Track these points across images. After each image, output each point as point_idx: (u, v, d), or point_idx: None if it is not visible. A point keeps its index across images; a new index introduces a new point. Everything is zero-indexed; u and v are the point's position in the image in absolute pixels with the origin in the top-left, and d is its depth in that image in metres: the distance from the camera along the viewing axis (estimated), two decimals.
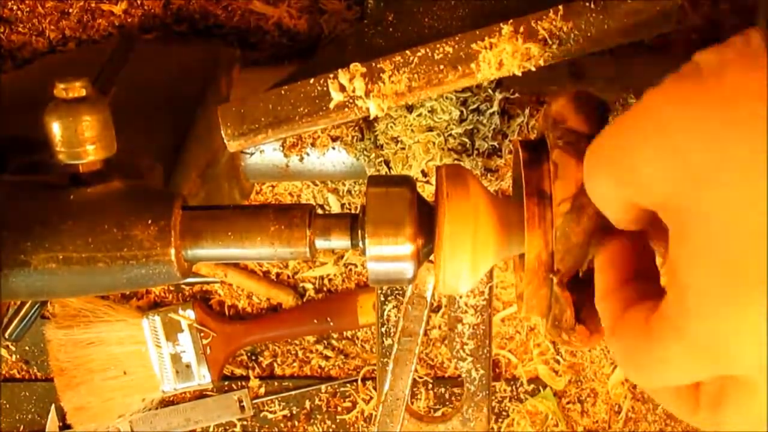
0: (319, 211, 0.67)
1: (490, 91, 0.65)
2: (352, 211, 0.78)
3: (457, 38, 0.55)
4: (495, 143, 0.66)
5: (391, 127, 0.66)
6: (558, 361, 0.98)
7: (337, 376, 0.99)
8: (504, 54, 0.55)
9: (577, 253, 0.42)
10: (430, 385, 0.98)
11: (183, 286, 0.98)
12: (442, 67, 0.56)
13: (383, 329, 0.68)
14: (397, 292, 0.68)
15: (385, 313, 0.68)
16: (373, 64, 0.56)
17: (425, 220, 0.47)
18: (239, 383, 0.99)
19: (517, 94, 0.66)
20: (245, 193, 0.78)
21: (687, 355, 0.33)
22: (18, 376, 1.00)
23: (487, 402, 0.70)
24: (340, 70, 0.55)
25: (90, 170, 0.50)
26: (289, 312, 0.97)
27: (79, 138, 0.49)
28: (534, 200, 0.45)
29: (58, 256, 0.48)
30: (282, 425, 0.99)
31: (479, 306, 0.68)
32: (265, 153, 0.73)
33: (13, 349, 1.00)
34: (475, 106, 0.65)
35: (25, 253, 0.48)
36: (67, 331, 0.95)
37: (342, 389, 0.99)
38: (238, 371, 0.99)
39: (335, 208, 0.90)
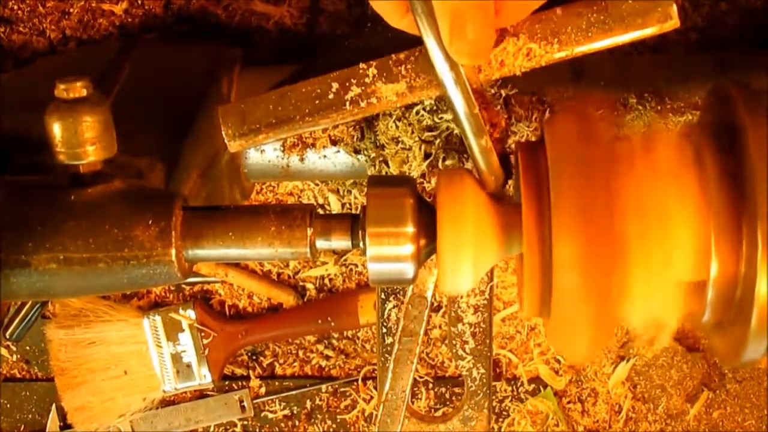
0: (320, 211, 0.67)
1: (491, 90, 0.65)
2: (353, 212, 0.78)
3: None
4: None
5: (392, 126, 0.66)
6: (558, 361, 0.98)
7: (337, 375, 0.99)
8: (505, 54, 0.55)
9: None
10: (431, 385, 0.98)
11: (183, 285, 0.98)
12: None
13: (384, 329, 0.68)
14: (397, 291, 0.68)
15: (386, 312, 0.68)
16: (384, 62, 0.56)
17: (426, 220, 0.48)
18: (240, 383, 0.99)
19: (517, 91, 0.66)
20: (246, 193, 0.78)
21: None
22: (19, 375, 1.00)
23: (487, 402, 0.70)
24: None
25: (90, 171, 0.50)
26: (289, 312, 0.97)
27: (80, 138, 0.49)
28: (533, 200, 0.45)
29: (59, 256, 0.48)
30: (283, 425, 0.99)
31: (480, 305, 0.68)
32: (265, 153, 0.73)
33: (14, 348, 1.00)
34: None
35: (25, 254, 0.48)
36: (68, 330, 0.95)
37: (342, 389, 0.99)
38: (239, 371, 0.99)
39: (336, 208, 0.90)
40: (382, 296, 0.68)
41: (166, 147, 0.62)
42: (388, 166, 0.67)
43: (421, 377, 0.98)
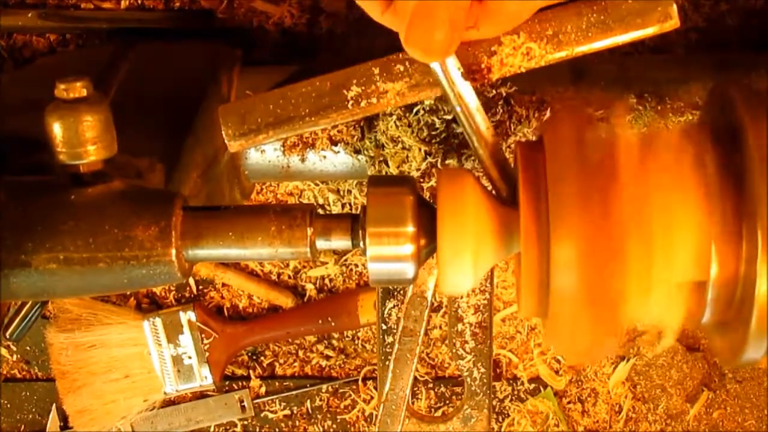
0: (320, 212, 0.67)
1: (491, 90, 0.65)
2: (353, 212, 0.78)
3: None
4: None
5: (392, 126, 0.66)
6: (558, 361, 0.98)
7: (337, 375, 0.99)
8: (505, 53, 0.55)
9: None
10: (431, 385, 0.98)
11: (183, 287, 0.98)
12: None
13: (384, 328, 0.68)
14: (397, 290, 0.68)
15: (386, 312, 0.68)
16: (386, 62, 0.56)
17: (426, 220, 0.48)
18: (240, 383, 0.99)
19: (517, 91, 0.66)
20: (246, 193, 0.78)
21: None
22: (19, 375, 1.00)
23: (487, 401, 0.70)
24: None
25: (91, 170, 0.50)
26: (290, 312, 0.97)
27: (80, 138, 0.49)
28: (532, 200, 0.45)
29: (59, 256, 0.48)
30: (283, 425, 0.99)
31: (480, 305, 0.68)
32: (265, 153, 0.73)
33: (14, 348, 1.00)
34: None
35: (26, 254, 0.48)
36: (69, 334, 0.95)
37: (342, 389, 0.99)
38: (239, 371, 0.99)
39: (336, 208, 0.90)
40: (382, 296, 0.68)
41: (166, 147, 0.62)
42: (388, 166, 0.67)
43: (421, 377, 0.98)
